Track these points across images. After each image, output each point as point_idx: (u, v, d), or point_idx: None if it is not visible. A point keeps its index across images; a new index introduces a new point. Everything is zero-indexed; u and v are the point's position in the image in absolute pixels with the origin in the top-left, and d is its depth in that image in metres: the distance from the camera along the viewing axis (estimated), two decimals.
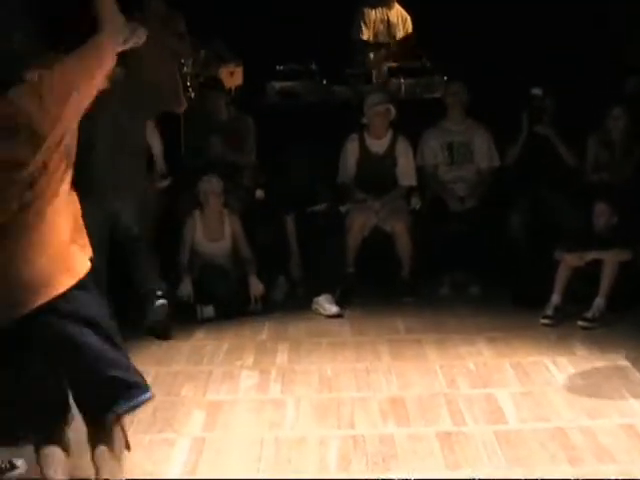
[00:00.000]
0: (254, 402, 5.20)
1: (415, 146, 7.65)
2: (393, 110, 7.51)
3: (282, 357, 5.95)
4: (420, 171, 7.65)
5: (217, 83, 8.07)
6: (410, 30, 9.30)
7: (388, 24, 9.26)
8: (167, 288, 6.57)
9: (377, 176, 7.50)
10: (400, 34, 9.28)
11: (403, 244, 7.28)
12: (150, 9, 8.01)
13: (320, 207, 7.50)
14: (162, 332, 6.40)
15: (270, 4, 9.20)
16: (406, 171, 7.57)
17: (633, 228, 6.27)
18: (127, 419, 3.77)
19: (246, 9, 9.12)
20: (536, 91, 7.46)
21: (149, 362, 5.75)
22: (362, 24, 9.21)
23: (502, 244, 7.29)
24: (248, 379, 5.55)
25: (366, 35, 9.21)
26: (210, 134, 7.63)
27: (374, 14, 9.28)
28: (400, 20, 9.31)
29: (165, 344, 6.27)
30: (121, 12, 3.50)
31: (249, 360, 5.89)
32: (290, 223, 7.40)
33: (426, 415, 4.95)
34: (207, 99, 7.84)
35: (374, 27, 9.27)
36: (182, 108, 8.09)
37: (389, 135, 7.55)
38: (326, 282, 7.04)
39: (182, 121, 8.13)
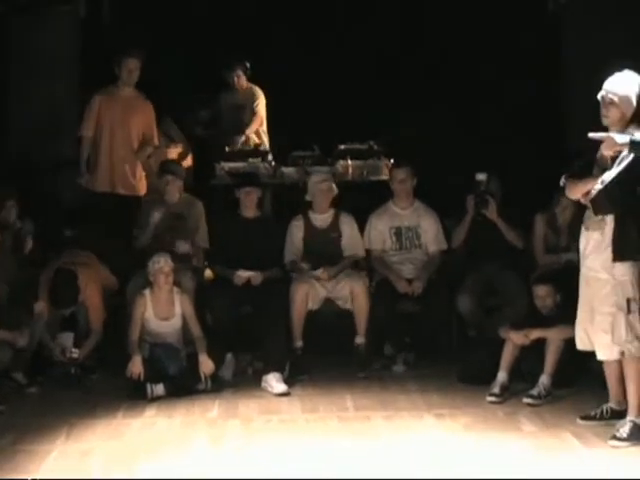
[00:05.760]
0: None
1: (360, 226, 7.73)
2: (334, 187, 7.65)
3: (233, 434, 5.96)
4: (367, 254, 7.73)
5: (175, 167, 8.09)
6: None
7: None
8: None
9: (323, 250, 7.58)
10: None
11: (361, 304, 7.33)
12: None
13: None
14: None
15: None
16: (352, 242, 7.67)
17: (576, 305, 6.38)
18: None
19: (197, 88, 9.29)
20: (480, 177, 7.51)
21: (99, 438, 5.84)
22: None
23: (450, 323, 7.44)
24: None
25: None
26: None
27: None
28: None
29: (115, 421, 6.25)
30: None
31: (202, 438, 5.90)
32: None
33: None
34: (162, 182, 7.89)
35: None
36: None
37: (331, 210, 7.68)
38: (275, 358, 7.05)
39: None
